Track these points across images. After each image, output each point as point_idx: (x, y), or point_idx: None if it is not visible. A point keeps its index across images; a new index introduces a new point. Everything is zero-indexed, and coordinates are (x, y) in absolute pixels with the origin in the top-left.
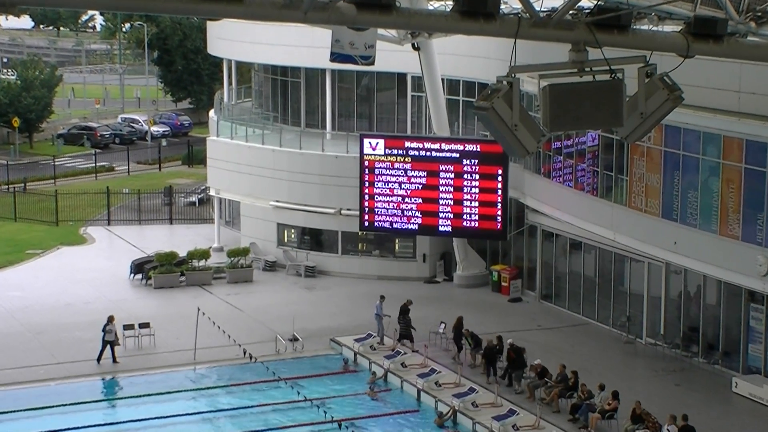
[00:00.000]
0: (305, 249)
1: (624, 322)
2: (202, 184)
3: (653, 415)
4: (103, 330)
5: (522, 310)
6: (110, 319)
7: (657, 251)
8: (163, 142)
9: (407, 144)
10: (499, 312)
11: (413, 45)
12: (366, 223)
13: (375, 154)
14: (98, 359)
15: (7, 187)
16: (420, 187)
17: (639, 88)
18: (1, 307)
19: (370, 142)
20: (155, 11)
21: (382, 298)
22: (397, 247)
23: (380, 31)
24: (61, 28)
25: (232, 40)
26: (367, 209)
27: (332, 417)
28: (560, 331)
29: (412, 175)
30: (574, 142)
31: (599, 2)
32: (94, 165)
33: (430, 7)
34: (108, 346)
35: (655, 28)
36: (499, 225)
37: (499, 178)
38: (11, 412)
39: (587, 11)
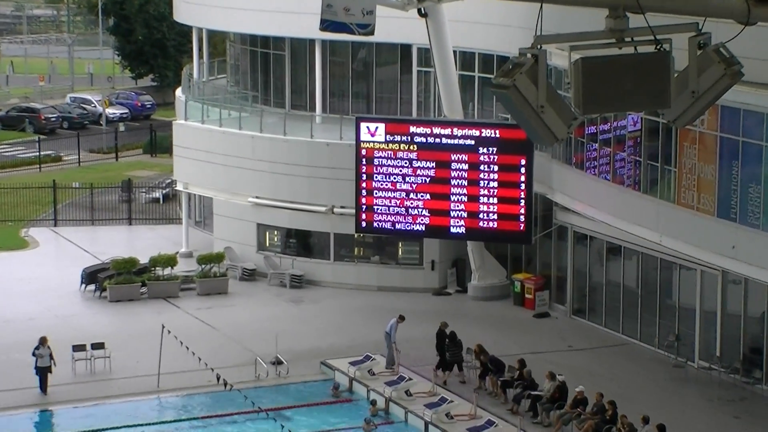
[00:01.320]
0: (290, 254)
1: (672, 342)
2: (168, 176)
3: None
4: (34, 354)
5: (549, 327)
6: (42, 341)
7: (711, 257)
8: (121, 127)
9: (412, 129)
10: (522, 329)
11: (420, 11)
12: (363, 224)
13: (374, 142)
14: (41, 389)
15: None
16: (428, 180)
17: (690, 62)
18: None
19: (368, 127)
20: None
21: (401, 318)
22: (400, 253)
23: None
24: None
25: (202, 4)
26: (364, 207)
27: None
28: (595, 352)
29: (419, 167)
30: (612, 126)
31: None
32: (37, 154)
33: None
34: (43, 373)
35: None
36: (523, 226)
37: (522, 170)
38: None
39: None
